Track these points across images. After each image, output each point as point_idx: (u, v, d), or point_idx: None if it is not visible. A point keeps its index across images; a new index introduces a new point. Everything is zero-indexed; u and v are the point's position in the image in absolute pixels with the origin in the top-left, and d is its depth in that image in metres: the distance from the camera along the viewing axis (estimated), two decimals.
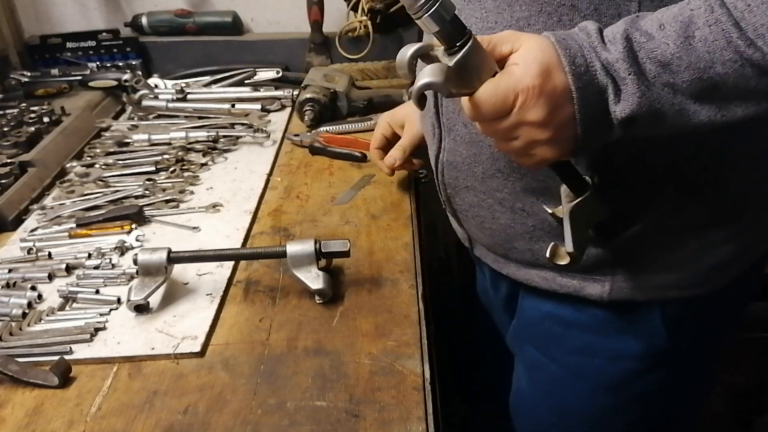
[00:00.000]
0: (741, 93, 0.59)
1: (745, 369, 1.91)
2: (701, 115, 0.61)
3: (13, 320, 0.92)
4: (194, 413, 0.77)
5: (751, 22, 0.55)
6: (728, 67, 0.57)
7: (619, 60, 0.60)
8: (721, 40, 0.56)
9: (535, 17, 0.68)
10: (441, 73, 0.62)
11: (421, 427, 0.73)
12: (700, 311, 0.82)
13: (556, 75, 0.61)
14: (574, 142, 0.64)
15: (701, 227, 0.76)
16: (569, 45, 0.61)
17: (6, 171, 1.25)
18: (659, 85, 0.60)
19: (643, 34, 0.60)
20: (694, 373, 0.88)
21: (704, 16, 0.57)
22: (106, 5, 1.84)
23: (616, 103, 0.61)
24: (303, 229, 1.11)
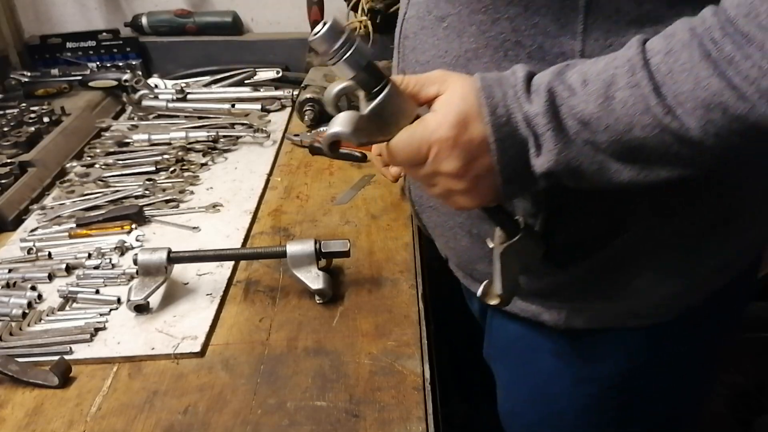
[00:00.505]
0: (663, 157, 0.57)
1: (745, 369, 1.92)
2: (623, 175, 0.59)
3: (13, 320, 0.92)
4: (194, 413, 0.77)
5: (672, 89, 0.53)
6: (647, 132, 0.55)
7: (539, 114, 0.58)
8: (640, 104, 0.54)
9: (482, 50, 0.68)
10: (351, 124, 0.62)
11: (421, 427, 0.73)
12: (663, 336, 0.80)
13: (474, 126, 0.60)
14: (495, 191, 0.63)
15: (657, 257, 0.74)
16: (493, 93, 0.60)
17: (6, 171, 1.25)
18: (580, 142, 0.58)
19: (567, 88, 0.58)
20: (663, 394, 0.87)
21: (626, 77, 0.55)
22: (106, 5, 1.84)
23: (536, 157, 0.60)
24: (303, 229, 1.11)
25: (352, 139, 0.63)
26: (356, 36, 0.60)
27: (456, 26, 0.69)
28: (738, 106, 0.51)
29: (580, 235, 0.72)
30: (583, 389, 0.85)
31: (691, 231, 0.72)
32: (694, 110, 0.52)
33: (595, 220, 0.71)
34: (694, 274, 0.76)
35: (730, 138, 0.53)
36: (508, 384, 0.95)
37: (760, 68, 0.49)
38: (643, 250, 0.72)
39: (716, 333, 0.87)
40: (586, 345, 0.81)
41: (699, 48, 0.52)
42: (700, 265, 0.76)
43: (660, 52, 0.54)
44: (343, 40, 0.59)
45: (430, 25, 0.72)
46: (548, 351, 0.84)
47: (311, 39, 0.59)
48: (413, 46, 0.75)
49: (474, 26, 0.67)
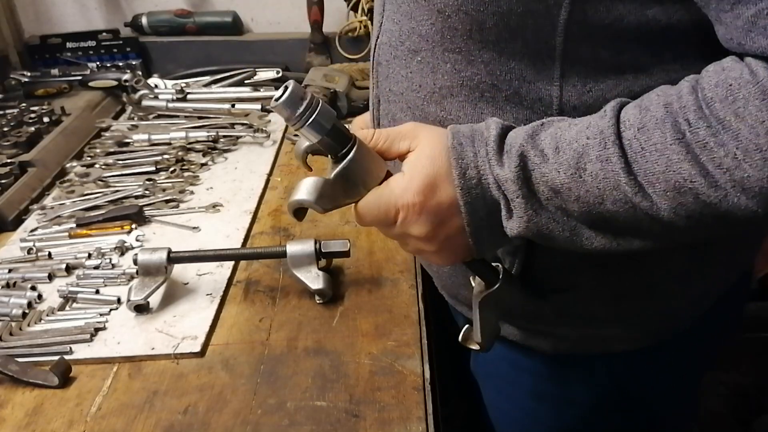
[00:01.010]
0: (635, 231, 0.56)
1: (745, 369, 1.92)
2: (595, 243, 0.58)
3: (13, 320, 0.92)
4: (194, 413, 0.77)
5: (643, 168, 0.52)
6: (618, 207, 0.54)
7: (509, 180, 0.57)
8: (611, 180, 0.53)
9: (457, 89, 0.66)
10: (315, 191, 0.61)
11: (421, 427, 0.73)
12: (648, 359, 0.79)
13: (442, 189, 0.60)
14: (468, 249, 0.63)
15: (640, 284, 0.73)
16: (464, 154, 0.59)
17: (6, 171, 1.25)
18: (552, 208, 0.57)
19: (539, 153, 0.56)
20: (648, 415, 0.86)
21: (597, 149, 0.53)
22: (106, 5, 1.84)
23: (508, 219, 0.59)
24: (303, 229, 1.11)
25: (317, 207, 0.62)
26: (318, 100, 0.59)
27: (430, 62, 0.67)
28: (710, 194, 0.50)
29: (560, 268, 0.71)
30: (569, 411, 0.85)
31: (673, 262, 0.72)
32: (665, 192, 0.51)
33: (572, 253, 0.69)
34: (677, 302, 0.75)
35: (702, 221, 0.52)
36: (494, 402, 0.94)
37: (735, 157, 0.48)
38: (623, 278, 0.71)
39: (701, 355, 0.86)
40: (571, 368, 0.81)
41: (673, 128, 0.51)
42: (684, 293, 0.75)
43: (633, 126, 0.53)
44: (305, 106, 0.58)
45: (402, 56, 0.70)
46: (534, 373, 0.84)
47: (272, 105, 0.58)
48: (386, 74, 0.73)
49: (448, 64, 0.65)
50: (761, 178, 0.47)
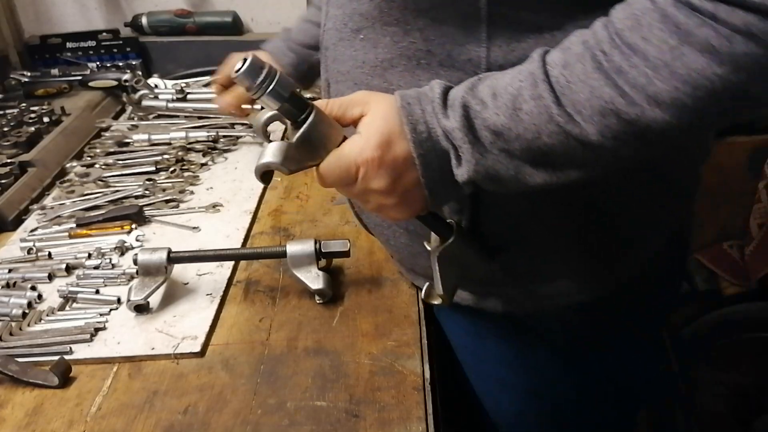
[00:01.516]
0: (571, 161, 0.61)
1: (745, 369, 1.91)
2: (537, 178, 0.63)
3: (13, 320, 0.92)
4: (194, 413, 0.77)
5: (570, 99, 0.57)
6: (554, 139, 0.59)
7: (455, 129, 0.62)
8: (544, 114, 0.59)
9: (397, 59, 0.72)
10: (281, 154, 0.65)
11: (421, 427, 0.73)
12: (600, 309, 0.83)
13: (398, 144, 0.64)
14: (424, 201, 0.68)
15: (579, 240, 0.78)
16: (412, 111, 0.64)
17: (6, 171, 1.25)
18: (496, 151, 0.62)
19: (479, 102, 0.62)
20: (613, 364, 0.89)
21: (530, 89, 0.60)
22: (106, 5, 1.84)
23: (458, 167, 0.64)
24: (303, 229, 1.11)
25: (283, 168, 0.66)
26: (276, 70, 0.63)
27: (371, 38, 0.73)
28: (629, 112, 0.55)
29: (504, 225, 0.76)
30: (531, 374, 0.88)
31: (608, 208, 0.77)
32: (592, 117, 0.57)
33: (514, 209, 0.75)
34: (617, 252, 0.80)
35: (627, 141, 0.58)
36: (468, 377, 0.97)
37: (646, 75, 0.54)
38: (564, 233, 0.77)
39: (650, 306, 0.90)
40: (527, 330, 0.85)
41: (592, 60, 0.56)
42: (623, 243, 0.80)
43: (558, 65, 0.59)
44: (264, 75, 0.62)
45: (347, 37, 0.76)
46: (494, 339, 0.88)
47: (233, 76, 0.63)
48: (334, 56, 0.79)
49: (387, 37, 0.72)
50: (670, 90, 0.53)
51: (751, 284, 1.87)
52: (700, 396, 1.88)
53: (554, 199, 0.74)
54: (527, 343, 0.87)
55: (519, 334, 0.86)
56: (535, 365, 0.88)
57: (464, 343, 0.95)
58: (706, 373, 1.92)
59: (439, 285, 0.73)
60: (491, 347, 0.90)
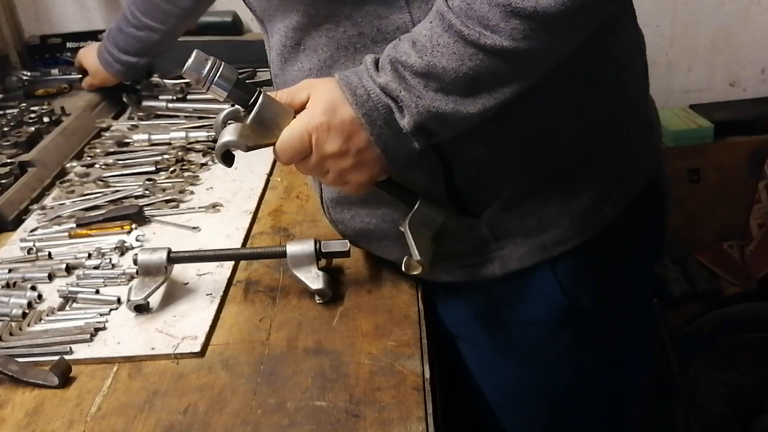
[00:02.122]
0: (499, 78, 0.67)
1: (745, 369, 1.92)
2: (478, 105, 0.68)
3: (13, 320, 0.92)
4: (194, 413, 0.77)
5: (475, 18, 0.64)
6: (475, 60, 0.65)
7: (389, 82, 0.68)
8: (459, 42, 0.65)
9: (336, 53, 0.77)
10: (236, 132, 0.71)
11: (421, 427, 0.73)
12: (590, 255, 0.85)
13: (342, 109, 0.70)
14: (380, 162, 0.72)
15: (556, 181, 0.81)
16: (350, 80, 0.70)
17: (6, 171, 1.25)
18: (431, 92, 0.68)
19: (403, 53, 0.68)
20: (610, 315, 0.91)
21: (440, 25, 0.66)
22: (106, 5, 1.84)
23: (402, 118, 0.69)
24: (303, 229, 1.11)
25: (240, 145, 0.71)
26: (220, 61, 0.70)
27: (310, 44, 0.78)
28: (525, 6, 0.62)
29: (481, 182, 0.80)
30: (529, 333, 0.90)
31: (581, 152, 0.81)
32: (498, 26, 0.63)
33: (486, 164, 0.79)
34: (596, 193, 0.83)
35: (537, 36, 0.64)
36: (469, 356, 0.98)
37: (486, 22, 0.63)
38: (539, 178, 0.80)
39: (633, 253, 0.91)
40: (522, 288, 0.87)
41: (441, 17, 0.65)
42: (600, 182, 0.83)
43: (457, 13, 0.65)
44: (209, 67, 0.69)
45: (290, 56, 0.81)
46: (491, 306, 0.90)
47: (183, 72, 0.70)
48: (284, 80, 0.83)
49: (323, 36, 0.77)
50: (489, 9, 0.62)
51: (751, 284, 1.88)
52: (700, 396, 1.88)
53: (519, 145, 0.78)
54: (525, 301, 0.88)
55: (515, 294, 0.88)
56: (534, 335, 0.90)
57: (464, 329, 0.95)
58: (706, 373, 1.92)
59: (415, 251, 0.75)
60: (489, 314, 0.91)
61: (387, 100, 0.69)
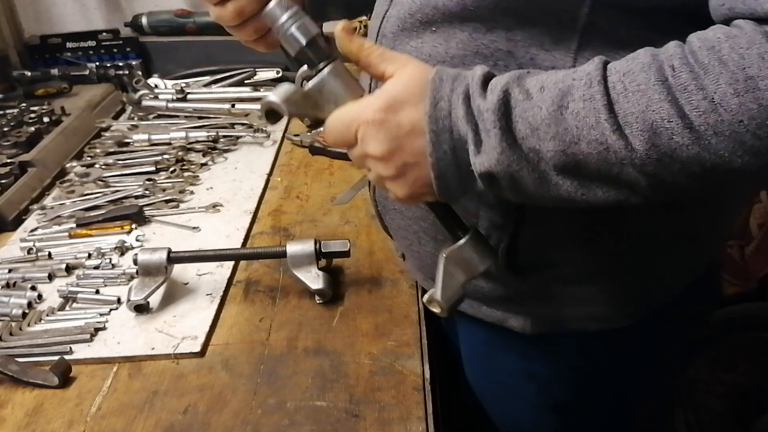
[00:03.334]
0: (603, 177, 0.56)
1: (745, 369, 1.91)
2: (561, 189, 0.58)
3: (13, 320, 0.92)
4: (194, 413, 0.77)
5: (624, 108, 0.53)
6: (593, 148, 0.54)
7: (490, 110, 0.57)
8: (591, 118, 0.54)
9: (470, 57, 0.66)
10: (285, 95, 0.63)
11: (421, 427, 0.73)
12: (622, 338, 0.81)
13: (406, 111, 0.60)
14: (428, 184, 0.62)
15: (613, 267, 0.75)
16: (441, 88, 0.59)
17: (6, 171, 1.25)
18: (525, 148, 0.57)
19: (523, 92, 0.57)
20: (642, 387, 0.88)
21: (582, 89, 0.55)
22: (106, 5, 1.84)
23: (476, 155, 0.59)
24: (303, 229, 1.11)
25: (283, 110, 0.64)
26: (304, 13, 0.63)
27: (444, 31, 0.67)
28: (684, 135, 0.51)
29: (542, 245, 0.73)
30: (552, 389, 0.86)
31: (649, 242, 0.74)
32: (642, 132, 0.52)
33: (558, 233, 0.72)
34: (650, 282, 0.77)
35: (670, 167, 0.53)
36: (478, 384, 0.96)
37: (712, 101, 0.49)
38: (600, 258, 0.74)
39: (674, 341, 0.88)
40: (551, 347, 0.82)
41: (657, 72, 0.52)
42: (657, 273, 0.77)
43: (619, 71, 0.54)
44: (288, 14, 0.63)
45: (411, 27, 0.70)
46: (515, 353, 0.85)
47: (263, 13, 0.63)
48: (391, 46, 0.72)
49: (465, 33, 0.66)
50: (733, 123, 0.49)
51: (751, 284, 1.87)
52: (700, 396, 1.87)
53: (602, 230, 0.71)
54: (547, 361, 0.84)
55: (539, 352, 0.83)
56: (553, 382, 0.86)
57: (477, 351, 0.93)
58: (706, 373, 1.92)
59: (439, 291, 0.68)
60: (510, 361, 0.87)
61: (466, 131, 0.58)
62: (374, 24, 0.76)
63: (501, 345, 0.86)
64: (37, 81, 1.65)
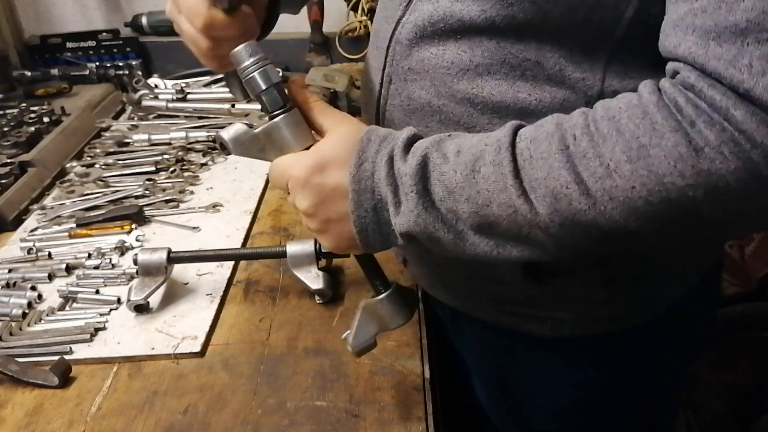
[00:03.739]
0: (514, 237, 0.58)
1: (745, 369, 1.92)
2: (478, 248, 0.60)
3: (13, 320, 0.92)
4: (194, 413, 0.77)
5: (529, 174, 0.55)
6: (503, 210, 0.56)
7: (407, 174, 0.59)
8: (500, 183, 0.56)
9: (497, 67, 0.65)
10: (235, 134, 0.66)
11: (421, 427, 0.73)
12: (644, 335, 0.82)
13: (331, 172, 0.63)
14: (353, 240, 0.64)
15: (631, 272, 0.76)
16: (368, 149, 0.62)
17: (6, 171, 1.25)
18: (443, 210, 0.59)
19: (441, 155, 0.59)
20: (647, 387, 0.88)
21: (492, 154, 0.57)
22: (106, 5, 1.84)
23: (396, 215, 0.61)
24: (303, 229, 1.11)
25: (230, 148, 0.67)
26: (268, 61, 0.65)
27: (469, 39, 0.66)
28: (581, 201, 0.53)
29: None
30: (566, 393, 0.86)
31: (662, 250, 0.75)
32: (544, 197, 0.54)
33: None
34: (661, 284, 0.78)
35: (572, 231, 0.55)
36: (486, 389, 0.95)
37: (607, 167, 0.51)
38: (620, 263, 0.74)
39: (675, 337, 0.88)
40: (569, 350, 0.82)
41: (560, 141, 0.54)
42: (667, 275, 0.78)
43: (527, 138, 0.56)
44: (255, 59, 0.64)
45: (432, 35, 0.68)
46: (531, 358, 0.85)
47: (232, 52, 0.65)
48: (407, 53, 0.71)
49: (493, 42, 0.65)
50: (626, 189, 0.51)
51: (751, 284, 1.87)
52: (700, 396, 1.88)
53: None
54: (567, 364, 0.84)
55: (559, 355, 0.83)
56: (569, 386, 0.85)
57: (487, 356, 0.91)
58: (706, 373, 1.92)
59: (351, 336, 0.71)
60: (523, 365, 0.87)
61: (386, 193, 0.61)
62: (384, 29, 0.74)
63: (516, 350, 0.86)
64: (37, 81, 1.65)
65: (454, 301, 0.87)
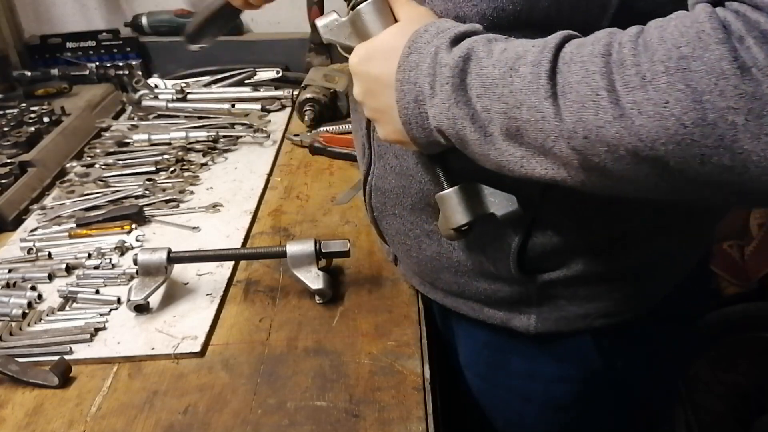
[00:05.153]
0: (541, 149, 0.55)
1: (745, 369, 1.92)
2: (504, 156, 0.57)
3: (13, 320, 0.92)
4: (194, 413, 0.77)
5: (564, 75, 0.52)
6: (531, 115, 0.53)
7: (448, 66, 0.57)
8: (534, 84, 0.53)
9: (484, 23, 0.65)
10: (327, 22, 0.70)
11: (421, 427, 0.73)
12: (631, 333, 0.82)
13: (377, 62, 0.64)
14: (400, 131, 0.64)
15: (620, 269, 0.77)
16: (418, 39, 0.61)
17: (6, 171, 1.25)
18: (479, 107, 0.57)
19: (487, 51, 0.57)
20: (645, 387, 0.89)
21: (534, 54, 0.54)
22: (106, 5, 1.84)
23: (430, 107, 0.60)
24: (303, 229, 1.11)
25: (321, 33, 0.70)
26: None
27: None
28: (608, 111, 0.49)
29: (552, 245, 0.74)
30: (557, 388, 0.86)
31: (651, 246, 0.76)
32: (572, 103, 0.51)
33: (567, 230, 0.72)
34: (650, 279, 0.79)
35: (597, 147, 0.51)
36: (481, 389, 0.95)
37: (643, 78, 0.47)
38: (607, 260, 0.75)
39: (674, 336, 0.89)
40: (557, 346, 0.83)
41: (604, 46, 0.51)
42: (656, 270, 0.79)
43: (574, 44, 0.53)
44: None
45: None
46: (519, 354, 0.86)
47: None
48: None
49: None
50: (658, 103, 0.46)
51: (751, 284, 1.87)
52: (700, 396, 1.88)
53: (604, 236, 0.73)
54: (554, 360, 0.84)
55: (547, 352, 0.84)
56: (561, 380, 0.86)
57: (479, 353, 0.93)
58: (706, 373, 1.92)
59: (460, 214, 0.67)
60: (513, 362, 0.87)
61: (426, 81, 0.59)
62: None
63: (504, 346, 0.87)
64: (37, 81, 1.65)
65: (443, 298, 0.87)
